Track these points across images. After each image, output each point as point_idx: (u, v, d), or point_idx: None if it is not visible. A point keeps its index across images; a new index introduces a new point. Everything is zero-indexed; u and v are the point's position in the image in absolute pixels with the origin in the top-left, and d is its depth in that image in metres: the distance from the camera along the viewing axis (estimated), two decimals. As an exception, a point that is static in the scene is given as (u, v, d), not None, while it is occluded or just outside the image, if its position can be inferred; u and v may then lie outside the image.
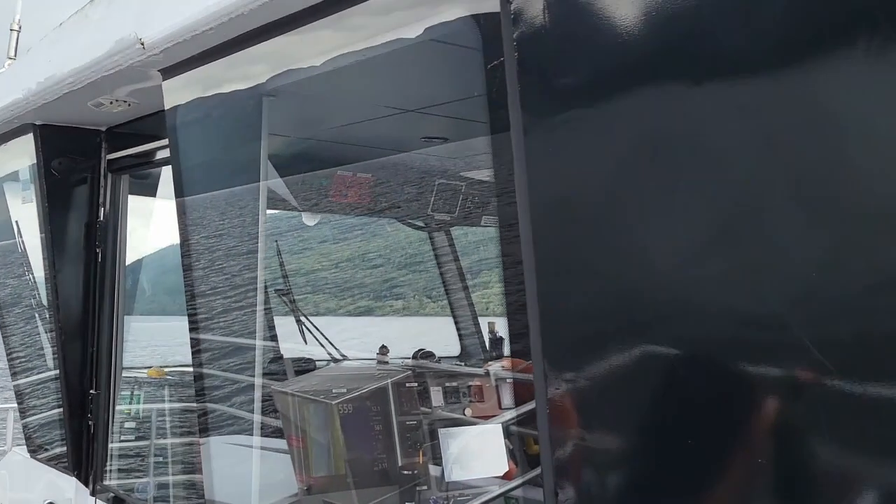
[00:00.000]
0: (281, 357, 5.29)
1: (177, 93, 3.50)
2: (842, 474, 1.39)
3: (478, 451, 4.07)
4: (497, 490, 3.85)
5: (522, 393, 4.39)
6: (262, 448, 4.11)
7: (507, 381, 4.60)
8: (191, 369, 3.75)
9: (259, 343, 3.77)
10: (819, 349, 1.36)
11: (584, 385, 1.74)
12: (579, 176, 1.76)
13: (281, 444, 4.31)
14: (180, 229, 3.50)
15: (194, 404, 3.81)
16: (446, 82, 3.22)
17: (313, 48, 2.82)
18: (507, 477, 3.98)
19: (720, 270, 1.53)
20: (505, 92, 1.89)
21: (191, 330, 3.53)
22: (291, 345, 5.90)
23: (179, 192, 3.51)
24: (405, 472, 4.32)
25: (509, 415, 4.17)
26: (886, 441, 1.32)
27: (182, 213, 3.49)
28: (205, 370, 3.56)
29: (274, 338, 5.43)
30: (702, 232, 1.56)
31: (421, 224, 6.47)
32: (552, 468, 1.80)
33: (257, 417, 3.87)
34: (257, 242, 3.41)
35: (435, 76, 3.19)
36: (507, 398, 4.58)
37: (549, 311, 1.81)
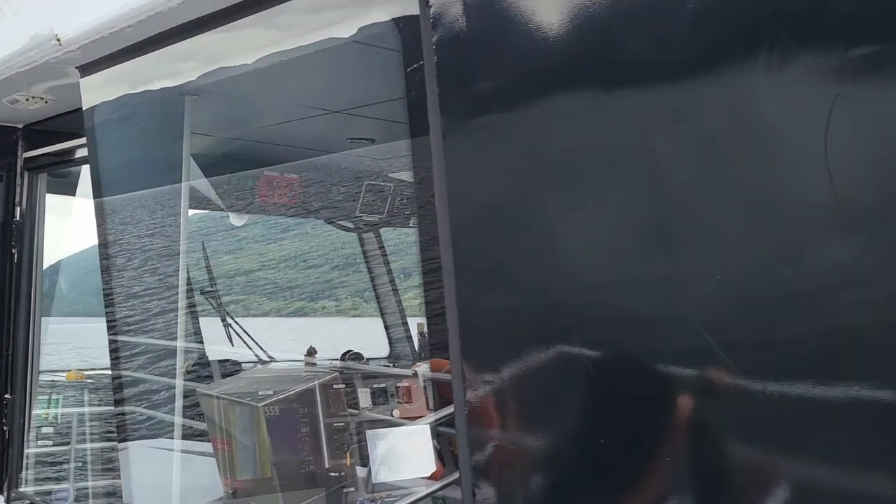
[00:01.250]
0: (206, 359, 5.21)
1: (95, 90, 3.42)
2: (749, 471, 1.43)
3: (405, 453, 4.07)
4: (424, 491, 3.86)
5: (450, 394, 4.39)
6: (185, 452, 4.04)
7: (435, 382, 4.61)
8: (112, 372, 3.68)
9: (181, 345, 3.71)
10: (724, 350, 1.40)
11: (501, 386, 1.75)
12: (497, 179, 1.78)
13: (205, 447, 4.25)
14: (98, 230, 3.42)
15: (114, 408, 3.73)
16: (373, 84, 3.22)
17: (242, 46, 2.79)
18: (434, 477, 3.99)
19: (633, 273, 1.56)
20: (425, 95, 1.90)
21: (109, 332, 3.46)
22: (218, 347, 5.82)
23: (98, 193, 3.44)
24: (332, 474, 4.31)
25: (436, 416, 4.18)
26: (788, 438, 1.36)
27: (100, 213, 3.41)
28: (123, 373, 3.49)
29: (199, 340, 5.35)
30: (616, 235, 1.59)
31: (350, 225, 6.45)
32: (470, 468, 1.81)
33: (178, 420, 3.81)
34: (179, 243, 3.36)
35: (362, 77, 3.19)
36: (434, 399, 4.60)
37: (468, 313, 1.82)
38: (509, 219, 1.76)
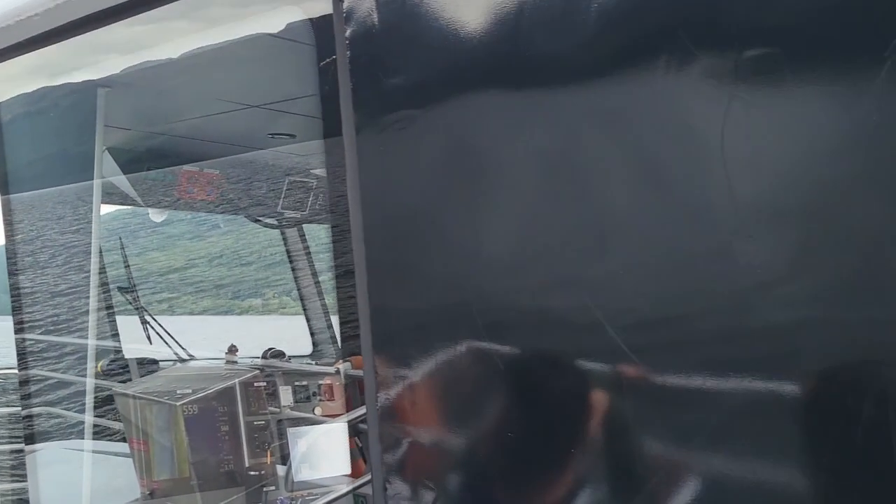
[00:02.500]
0: (123, 358, 5.10)
1: (4, 82, 3.31)
2: (654, 467, 1.47)
3: (326, 450, 4.06)
4: (344, 488, 3.86)
5: (371, 391, 4.38)
6: (100, 453, 3.96)
7: (358, 380, 4.60)
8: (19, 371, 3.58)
9: (92, 343, 3.62)
10: (630, 348, 1.43)
11: (413, 383, 1.76)
12: (410, 176, 1.78)
13: (122, 447, 4.16)
14: (5, 227, 3.32)
15: (27, 409, 3.63)
16: (293, 79, 3.19)
17: (163, 37, 2.72)
18: (355, 475, 3.98)
19: (543, 272, 1.58)
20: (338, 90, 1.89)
21: (16, 331, 3.36)
22: (136, 346, 5.71)
23: (4, 189, 3.33)
24: (252, 473, 4.27)
25: (358, 413, 4.17)
26: (693, 433, 1.40)
27: (7, 210, 3.31)
28: (31, 373, 3.39)
29: (116, 338, 5.23)
30: (526, 234, 1.61)
31: (273, 222, 6.38)
32: (381, 464, 1.81)
33: (89, 419, 3.72)
34: (90, 240, 3.28)
35: (283, 72, 3.15)
36: (357, 396, 4.59)
37: (380, 311, 1.82)
38: (422, 216, 1.76)
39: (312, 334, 6.72)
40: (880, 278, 1.20)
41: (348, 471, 3.85)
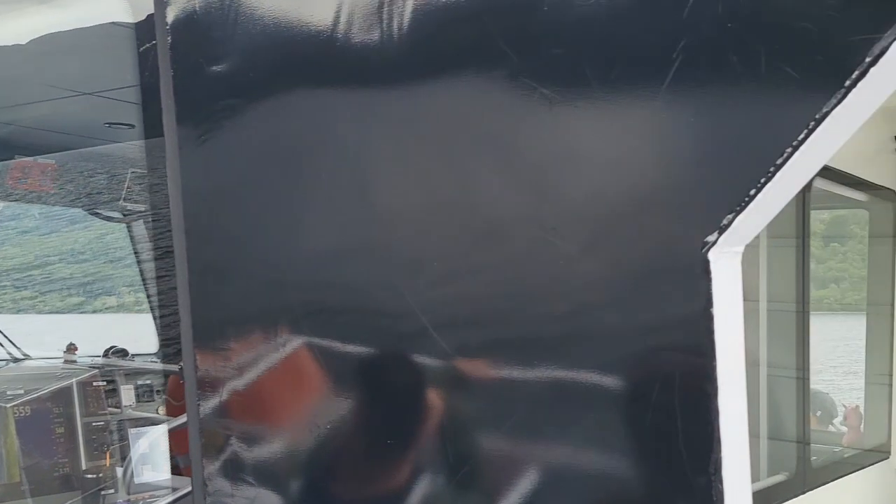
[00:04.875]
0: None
1: None
2: (462, 447, 1.50)
3: (168, 450, 3.96)
4: (188, 488, 3.76)
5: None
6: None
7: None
8: None
9: None
10: (443, 338, 1.46)
11: (233, 378, 1.73)
12: (231, 167, 1.75)
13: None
14: None
15: None
16: (119, 67, 3.08)
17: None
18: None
19: (361, 265, 1.59)
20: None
21: None
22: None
23: None
24: (90, 477, 4.12)
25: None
26: (498, 416, 1.44)
27: None
28: None
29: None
30: (344, 228, 1.61)
31: (117, 215, 6.14)
32: (200, 461, 1.78)
33: None
34: None
35: (109, 60, 3.03)
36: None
37: (200, 304, 1.78)
38: (243, 208, 1.74)
39: (159, 331, 6.51)
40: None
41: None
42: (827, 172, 4.70)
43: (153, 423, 4.31)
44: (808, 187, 4.66)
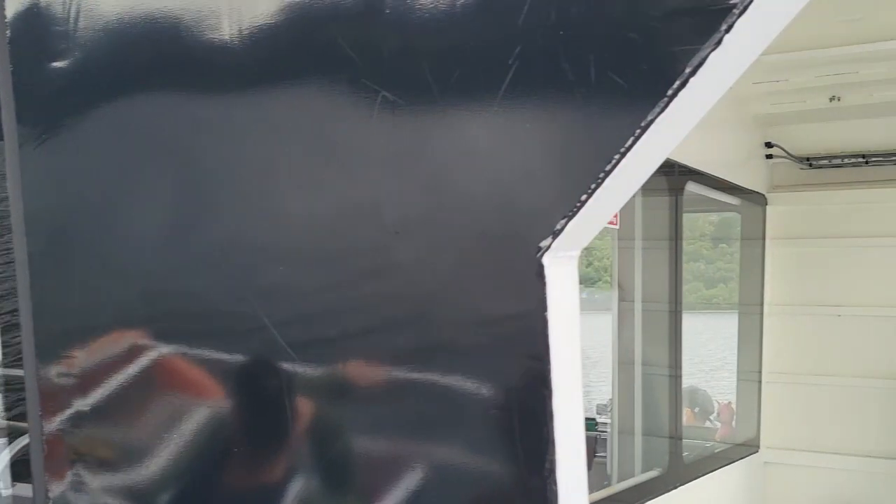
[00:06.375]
0: None
1: None
2: (296, 443, 1.49)
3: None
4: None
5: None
6: None
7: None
8: None
9: None
10: (281, 333, 1.44)
11: (76, 377, 1.67)
12: (74, 165, 1.68)
13: None
14: None
15: None
16: None
17: None
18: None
19: (202, 267, 1.55)
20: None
21: None
22: None
23: None
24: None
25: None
26: (334, 409, 1.44)
27: None
28: None
29: None
30: (182, 229, 1.57)
31: None
32: (42, 470, 1.71)
33: None
34: None
35: None
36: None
37: (42, 308, 1.71)
38: (84, 209, 1.68)
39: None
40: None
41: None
42: (699, 177, 4.87)
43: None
44: (680, 191, 4.82)
